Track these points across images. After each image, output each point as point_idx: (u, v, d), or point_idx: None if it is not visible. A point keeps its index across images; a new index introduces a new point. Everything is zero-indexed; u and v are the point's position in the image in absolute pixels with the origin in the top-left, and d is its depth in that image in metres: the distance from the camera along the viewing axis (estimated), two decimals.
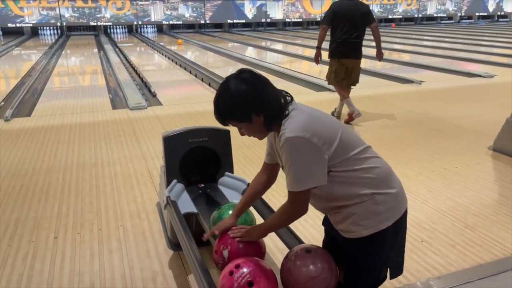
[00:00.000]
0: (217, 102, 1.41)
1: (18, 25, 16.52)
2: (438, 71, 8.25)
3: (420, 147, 3.97)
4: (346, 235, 1.44)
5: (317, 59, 4.81)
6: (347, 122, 4.71)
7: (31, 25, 16.77)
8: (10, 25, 16.38)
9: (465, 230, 2.55)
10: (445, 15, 23.81)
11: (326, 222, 1.61)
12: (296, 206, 1.40)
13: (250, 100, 1.36)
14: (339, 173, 1.37)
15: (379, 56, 4.73)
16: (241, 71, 1.42)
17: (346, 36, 4.51)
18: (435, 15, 23.59)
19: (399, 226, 1.46)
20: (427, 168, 3.49)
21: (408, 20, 23.12)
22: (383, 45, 4.72)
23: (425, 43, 13.78)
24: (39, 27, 17.11)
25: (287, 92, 1.45)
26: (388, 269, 1.53)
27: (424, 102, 5.84)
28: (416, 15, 23.02)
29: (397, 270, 1.57)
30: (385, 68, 8.61)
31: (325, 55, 4.80)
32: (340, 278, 1.52)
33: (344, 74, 4.69)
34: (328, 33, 4.72)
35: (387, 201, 1.41)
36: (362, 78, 7.69)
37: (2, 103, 5.85)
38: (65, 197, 3.01)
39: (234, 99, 1.37)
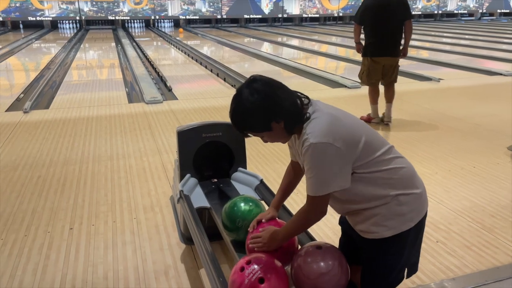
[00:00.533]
0: (233, 116, 1.38)
1: (38, 18, 16.81)
2: (457, 68, 8.09)
3: (437, 146, 3.91)
4: (367, 236, 1.41)
5: (358, 50, 4.49)
6: (363, 119, 4.61)
7: (50, 18, 17.04)
8: (30, 18, 16.68)
9: (482, 231, 2.50)
10: (465, 11, 23.32)
11: (343, 222, 1.59)
12: (315, 209, 1.38)
13: (266, 110, 1.32)
14: (364, 174, 1.35)
15: (403, 54, 4.35)
16: (251, 80, 1.36)
17: (379, 33, 4.16)
18: (455, 11, 23.13)
19: (420, 227, 1.44)
20: (444, 167, 3.43)
21: (427, 16, 22.73)
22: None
23: (444, 40, 13.53)
24: (58, 21, 17.37)
25: (302, 93, 1.41)
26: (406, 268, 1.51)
27: (442, 100, 5.74)
28: (436, 12, 22.60)
29: (413, 270, 1.55)
30: (403, 65, 8.45)
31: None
32: (356, 278, 1.50)
33: (380, 74, 4.34)
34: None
35: (411, 202, 1.38)
36: None
37: (22, 95, 5.96)
38: (80, 189, 3.05)
39: (250, 111, 1.33)
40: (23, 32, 16.09)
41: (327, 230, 2.42)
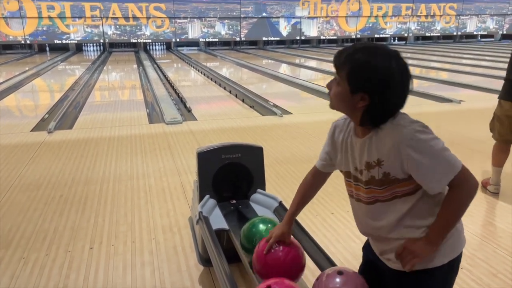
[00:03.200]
0: (358, 53, 1.22)
1: (64, 41, 17.39)
2: (478, 90, 7.98)
3: None
4: (395, 266, 1.33)
5: None
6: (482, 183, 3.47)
7: (76, 41, 17.62)
8: (56, 41, 17.27)
9: (509, 258, 2.42)
10: (485, 33, 23.13)
11: (368, 250, 1.50)
12: (468, 181, 1.25)
13: (375, 77, 1.18)
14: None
15: None
16: (399, 54, 1.23)
17: None
18: (475, 33, 22.97)
19: (457, 265, 1.35)
20: None
21: (446, 38, 22.63)
22: (419, 62, 4.28)
23: (464, 61, 13.39)
24: (83, 44, 17.94)
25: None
26: None
27: (463, 122, 5.65)
28: (455, 33, 22.50)
29: None
30: (423, 86, 8.42)
31: None
32: None
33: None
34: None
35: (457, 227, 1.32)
36: None
37: (47, 115, 6.13)
38: (101, 209, 3.09)
39: (370, 66, 1.19)
40: (49, 55, 16.66)
41: (347, 254, 2.37)
